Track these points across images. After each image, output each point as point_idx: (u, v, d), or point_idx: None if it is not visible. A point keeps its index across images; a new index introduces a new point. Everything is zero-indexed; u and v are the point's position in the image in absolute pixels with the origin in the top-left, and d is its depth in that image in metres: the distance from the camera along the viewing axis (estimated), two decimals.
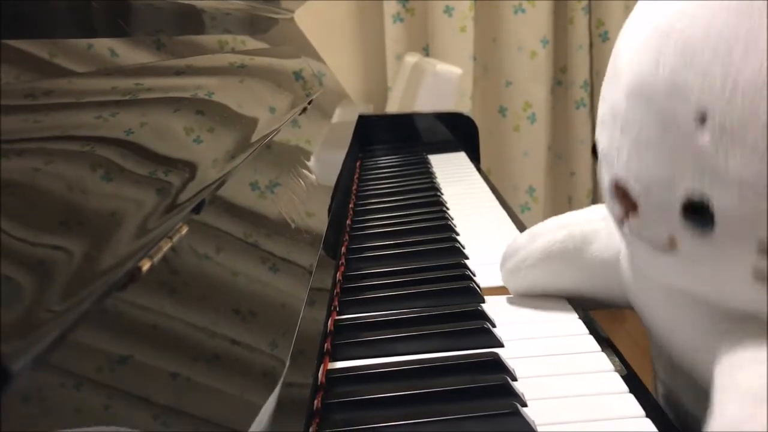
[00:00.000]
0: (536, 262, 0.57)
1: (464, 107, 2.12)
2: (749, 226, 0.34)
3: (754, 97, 0.32)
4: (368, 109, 2.01)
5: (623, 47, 0.40)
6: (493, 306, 0.58)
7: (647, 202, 0.38)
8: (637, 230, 0.39)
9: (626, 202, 0.39)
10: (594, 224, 0.54)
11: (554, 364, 0.48)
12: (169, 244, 0.38)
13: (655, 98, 0.36)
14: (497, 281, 0.62)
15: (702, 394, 0.38)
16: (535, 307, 0.58)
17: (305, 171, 0.73)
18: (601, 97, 0.42)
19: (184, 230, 0.40)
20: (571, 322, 0.55)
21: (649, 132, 0.37)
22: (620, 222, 0.41)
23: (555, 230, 0.57)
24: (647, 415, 0.42)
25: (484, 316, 0.54)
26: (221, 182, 0.50)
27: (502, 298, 0.60)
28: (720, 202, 0.34)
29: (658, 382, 0.52)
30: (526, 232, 0.60)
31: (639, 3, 0.41)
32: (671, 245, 0.37)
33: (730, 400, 0.33)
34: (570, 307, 0.57)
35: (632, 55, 0.38)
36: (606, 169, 0.41)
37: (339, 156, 0.94)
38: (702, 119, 0.34)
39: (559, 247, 0.55)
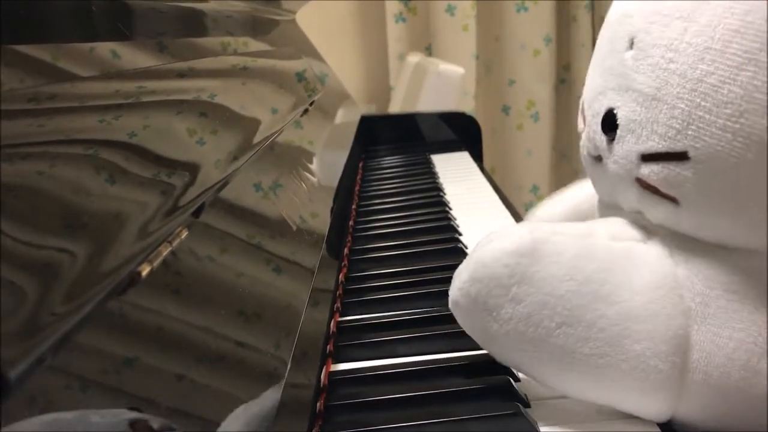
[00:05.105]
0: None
1: (467, 106, 2.12)
2: (637, 133, 0.39)
3: (666, 22, 0.39)
4: (371, 110, 2.01)
5: None
6: None
7: (589, 114, 0.44)
8: (583, 142, 0.45)
9: (584, 120, 0.46)
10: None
11: None
12: (173, 246, 0.38)
13: (611, 23, 0.43)
14: None
15: None
16: None
17: (307, 172, 0.73)
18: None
19: (187, 232, 0.40)
20: None
21: (601, 52, 0.44)
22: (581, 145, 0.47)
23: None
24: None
25: None
26: (224, 184, 0.50)
27: None
28: (622, 111, 0.40)
29: None
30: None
31: None
32: (598, 155, 0.43)
33: None
34: None
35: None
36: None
37: (341, 157, 0.94)
38: (631, 43, 0.41)
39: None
